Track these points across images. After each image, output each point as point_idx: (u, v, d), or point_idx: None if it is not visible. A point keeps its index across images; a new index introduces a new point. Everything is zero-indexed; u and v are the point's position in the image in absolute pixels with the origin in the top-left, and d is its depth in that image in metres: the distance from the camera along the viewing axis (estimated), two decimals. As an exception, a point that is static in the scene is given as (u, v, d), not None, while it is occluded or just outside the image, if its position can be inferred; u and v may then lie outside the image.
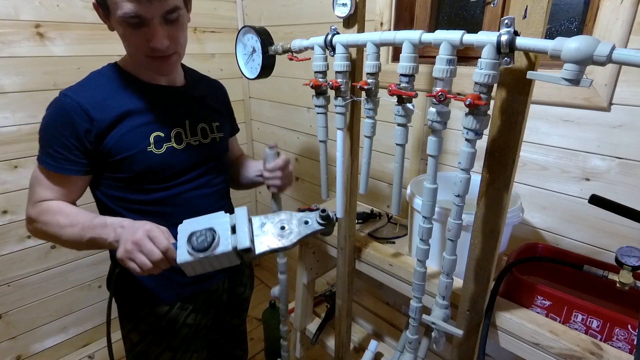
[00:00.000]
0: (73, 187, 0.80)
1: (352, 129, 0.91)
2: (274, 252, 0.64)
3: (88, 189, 0.85)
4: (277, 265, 1.08)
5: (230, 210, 0.96)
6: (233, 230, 0.64)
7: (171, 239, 0.67)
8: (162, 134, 0.81)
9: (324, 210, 0.65)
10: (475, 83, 0.57)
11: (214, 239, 0.61)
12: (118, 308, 0.92)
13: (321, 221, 0.65)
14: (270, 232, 0.65)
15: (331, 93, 0.82)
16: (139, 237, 0.65)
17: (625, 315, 0.72)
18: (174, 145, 0.83)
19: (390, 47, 1.27)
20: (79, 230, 0.73)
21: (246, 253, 0.63)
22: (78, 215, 0.76)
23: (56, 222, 0.75)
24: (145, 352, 0.90)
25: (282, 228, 0.65)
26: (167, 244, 0.65)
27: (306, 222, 0.65)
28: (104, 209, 0.85)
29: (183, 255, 0.61)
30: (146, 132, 0.80)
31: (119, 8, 0.68)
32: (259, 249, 0.63)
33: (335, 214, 0.67)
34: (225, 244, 0.61)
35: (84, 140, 0.75)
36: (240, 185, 1.11)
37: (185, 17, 0.79)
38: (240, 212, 0.66)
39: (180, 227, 0.65)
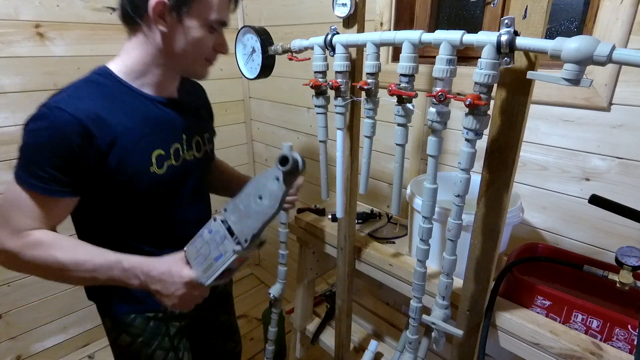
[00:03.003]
0: (59, 211, 0.72)
1: (352, 129, 0.91)
2: (266, 224, 0.63)
3: None
4: (278, 256, 1.10)
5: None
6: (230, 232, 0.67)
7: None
8: (162, 152, 0.78)
9: (284, 160, 0.58)
10: (475, 83, 0.58)
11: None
12: (102, 317, 0.89)
13: (282, 167, 0.59)
14: (254, 210, 0.64)
15: (331, 93, 0.82)
16: (183, 294, 0.71)
17: (625, 315, 0.72)
18: (173, 162, 0.80)
19: (390, 47, 1.27)
20: (88, 273, 0.68)
21: (247, 248, 0.65)
22: (78, 250, 0.70)
23: (53, 259, 0.67)
24: (137, 354, 0.87)
25: (260, 198, 0.63)
26: (204, 294, 0.73)
27: (277, 179, 0.61)
28: (88, 233, 0.80)
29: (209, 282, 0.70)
30: (148, 151, 0.75)
31: (213, 12, 0.71)
32: (249, 233, 0.64)
33: (294, 157, 0.60)
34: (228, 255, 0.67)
35: (81, 161, 0.68)
36: (220, 192, 1.09)
37: None
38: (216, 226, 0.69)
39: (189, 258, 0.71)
